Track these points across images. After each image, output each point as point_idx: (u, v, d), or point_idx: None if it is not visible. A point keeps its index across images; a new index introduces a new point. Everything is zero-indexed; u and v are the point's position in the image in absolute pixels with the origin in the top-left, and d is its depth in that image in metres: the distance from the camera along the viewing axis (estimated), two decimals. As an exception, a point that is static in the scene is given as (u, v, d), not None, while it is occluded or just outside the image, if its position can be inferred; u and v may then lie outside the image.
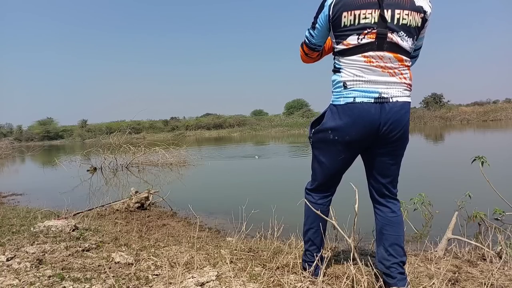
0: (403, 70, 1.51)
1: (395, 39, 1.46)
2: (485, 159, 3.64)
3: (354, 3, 1.45)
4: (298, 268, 1.84)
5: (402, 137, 1.58)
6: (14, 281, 1.71)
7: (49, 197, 6.16)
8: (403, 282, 1.57)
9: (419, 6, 1.47)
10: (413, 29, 1.49)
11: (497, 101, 43.18)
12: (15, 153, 22.44)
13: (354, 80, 1.50)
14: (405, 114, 1.53)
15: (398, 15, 1.44)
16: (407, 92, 1.53)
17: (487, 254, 2.26)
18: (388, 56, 1.47)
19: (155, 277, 1.83)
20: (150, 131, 42.57)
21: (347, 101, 1.51)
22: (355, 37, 1.48)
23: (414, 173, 7.15)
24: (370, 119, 1.50)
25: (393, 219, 1.68)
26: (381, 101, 1.48)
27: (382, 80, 1.48)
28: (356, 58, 1.49)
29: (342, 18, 1.48)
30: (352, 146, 1.61)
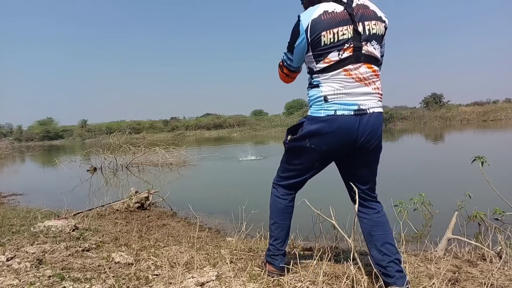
0: (375, 80, 1.61)
1: (370, 49, 1.58)
2: (485, 159, 3.64)
3: (331, 23, 1.55)
4: (298, 268, 1.84)
5: (377, 147, 1.67)
6: (14, 281, 1.71)
7: (49, 197, 6.16)
8: (402, 280, 1.59)
9: (380, 16, 1.62)
10: (380, 37, 1.61)
11: (497, 101, 43.20)
12: (15, 153, 22.45)
13: (335, 93, 1.58)
14: (380, 124, 1.63)
15: (368, 26, 1.57)
16: (380, 103, 1.64)
17: (487, 254, 2.26)
18: (363, 67, 1.57)
19: (155, 277, 1.83)
20: (150, 131, 42.57)
21: (328, 113, 1.59)
22: (336, 53, 1.56)
23: (414, 173, 7.16)
24: (349, 130, 1.58)
25: (379, 219, 1.73)
26: (360, 113, 1.57)
27: (359, 92, 1.58)
28: (337, 72, 1.57)
29: (321, 38, 1.56)
30: (328, 155, 1.69)
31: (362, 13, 1.57)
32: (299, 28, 1.61)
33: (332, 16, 1.56)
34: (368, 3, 1.63)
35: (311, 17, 1.57)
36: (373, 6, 1.63)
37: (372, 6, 1.63)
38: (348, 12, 1.56)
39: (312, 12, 1.59)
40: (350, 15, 1.55)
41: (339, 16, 1.56)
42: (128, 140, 13.04)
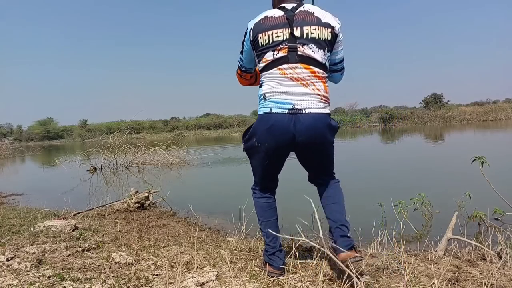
0: (315, 82, 1.68)
1: (307, 52, 1.66)
2: (485, 159, 3.64)
3: (267, 26, 1.69)
4: (298, 268, 1.84)
5: (320, 147, 1.76)
6: (14, 281, 1.71)
7: (49, 197, 6.15)
8: (343, 243, 1.69)
9: (326, 22, 1.69)
10: (323, 41, 1.69)
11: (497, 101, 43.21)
12: (15, 153, 22.44)
13: (272, 91, 1.69)
14: (320, 126, 1.68)
15: (306, 30, 1.66)
16: (322, 104, 1.69)
17: (487, 254, 2.26)
18: (300, 67, 1.66)
19: (155, 277, 1.83)
20: (150, 131, 42.55)
21: (265, 111, 1.70)
22: (271, 53, 1.69)
23: (414, 173, 7.16)
24: (283, 128, 1.67)
25: (329, 191, 1.86)
26: (294, 112, 1.65)
27: (296, 91, 1.66)
28: (273, 71, 1.70)
29: (259, 39, 1.71)
30: (273, 153, 1.78)
31: (303, 19, 1.68)
32: (246, 31, 1.78)
33: (270, 20, 1.70)
34: (313, 10, 1.72)
35: (254, 21, 1.74)
36: (320, 13, 1.71)
37: (318, 13, 1.71)
38: (286, 16, 1.68)
39: (257, 17, 1.75)
40: (287, 19, 1.68)
41: (276, 20, 1.69)
42: (128, 140, 13.03)
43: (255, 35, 1.72)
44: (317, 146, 1.75)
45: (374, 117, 36.42)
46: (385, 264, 2.01)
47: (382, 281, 1.76)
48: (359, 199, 5.04)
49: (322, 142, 1.74)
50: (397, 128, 29.22)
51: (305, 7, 1.73)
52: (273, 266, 1.82)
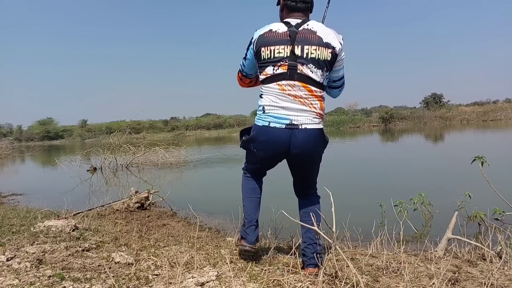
0: (312, 100, 1.76)
1: (305, 71, 1.72)
2: (485, 159, 3.64)
3: (270, 41, 1.75)
4: (298, 268, 1.84)
5: (312, 159, 1.87)
6: (14, 281, 1.71)
7: (49, 197, 6.15)
8: (315, 260, 1.83)
9: (327, 43, 1.73)
10: (322, 61, 1.73)
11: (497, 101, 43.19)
12: (15, 153, 22.42)
13: (271, 105, 1.78)
14: (313, 140, 1.79)
15: (307, 50, 1.71)
16: (317, 120, 1.79)
17: (487, 254, 2.26)
18: (298, 85, 1.73)
19: (155, 277, 1.83)
20: (150, 131, 42.51)
21: (264, 124, 1.80)
22: (272, 68, 1.76)
23: (414, 173, 7.16)
24: (280, 142, 1.77)
25: (310, 209, 1.95)
26: (291, 127, 1.74)
27: (293, 107, 1.74)
28: (272, 86, 1.77)
29: (261, 53, 1.77)
30: (267, 160, 1.94)
31: (305, 38, 1.72)
32: (251, 40, 1.84)
33: (273, 35, 1.75)
34: (317, 29, 1.75)
35: (259, 33, 1.80)
36: (323, 32, 1.74)
37: (321, 32, 1.74)
38: (289, 33, 1.73)
39: (262, 28, 1.81)
40: (290, 36, 1.72)
41: (279, 36, 1.74)
42: (128, 140, 13.02)
43: (258, 48, 1.78)
44: (309, 160, 1.87)
45: (374, 117, 36.42)
46: (385, 264, 2.01)
47: (382, 281, 1.76)
48: (359, 199, 5.04)
49: (314, 156, 1.86)
50: (397, 128, 29.22)
51: (309, 24, 1.76)
52: (246, 240, 1.99)
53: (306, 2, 1.82)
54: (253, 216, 2.00)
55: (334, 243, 1.78)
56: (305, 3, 1.82)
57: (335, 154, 11.46)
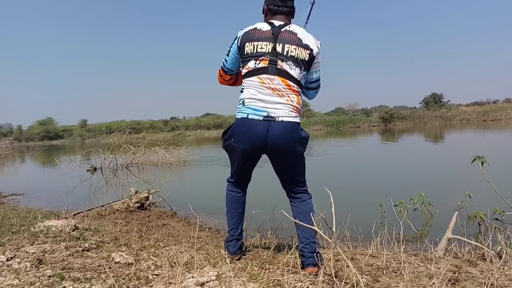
0: (290, 94, 1.86)
1: (284, 67, 1.84)
2: (485, 159, 3.64)
3: (254, 37, 1.88)
4: (298, 268, 1.84)
5: (290, 153, 1.91)
6: (14, 281, 1.71)
7: (49, 197, 6.15)
8: (312, 259, 1.87)
9: (306, 44, 1.87)
10: (301, 61, 1.87)
11: (497, 101, 43.22)
12: (15, 153, 22.42)
13: (250, 98, 1.88)
14: (290, 132, 1.85)
15: (287, 48, 1.85)
16: (294, 114, 1.87)
17: (487, 254, 2.26)
18: (277, 79, 1.84)
19: (155, 277, 1.83)
20: (150, 131, 42.50)
21: (243, 116, 1.89)
22: (254, 62, 1.88)
23: (414, 173, 7.16)
24: (258, 133, 1.84)
25: (303, 207, 2.00)
26: (268, 120, 1.83)
27: (271, 100, 1.84)
28: (253, 79, 1.88)
29: (245, 47, 1.90)
30: (247, 154, 1.98)
31: (286, 37, 1.86)
32: (235, 37, 1.97)
33: (258, 32, 1.89)
34: (297, 31, 1.89)
35: (244, 31, 1.93)
36: (303, 35, 1.89)
37: (301, 34, 1.89)
38: (272, 32, 1.87)
39: (247, 27, 1.94)
40: (273, 35, 1.87)
41: (263, 33, 1.88)
42: (128, 140, 13.02)
43: (243, 43, 1.91)
44: (286, 154, 1.92)
45: (374, 117, 36.43)
46: (385, 264, 2.01)
47: (382, 281, 1.76)
48: (359, 199, 5.04)
49: (291, 150, 1.90)
50: (397, 128, 29.22)
51: (291, 27, 1.91)
52: (229, 251, 2.14)
53: (287, 6, 1.96)
54: (236, 230, 2.14)
55: (334, 243, 1.77)
56: (287, 7, 1.96)
57: (335, 154, 11.46)
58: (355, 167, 8.50)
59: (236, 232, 2.14)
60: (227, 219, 2.18)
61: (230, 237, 2.15)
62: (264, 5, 2.01)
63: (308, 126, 35.78)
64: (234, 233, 2.14)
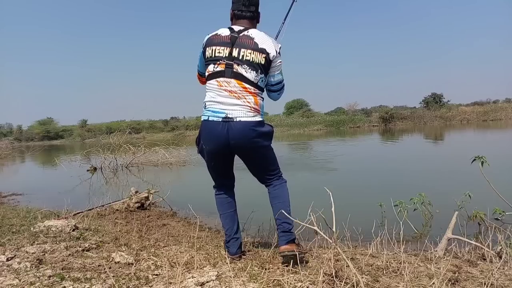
0: (246, 96, 1.95)
1: (240, 70, 1.94)
2: (485, 159, 3.64)
3: (213, 42, 2.01)
4: (298, 268, 1.84)
5: (253, 150, 2.02)
6: (14, 281, 1.71)
7: (49, 197, 6.15)
8: (283, 238, 2.00)
9: (262, 48, 1.95)
10: (256, 64, 1.95)
11: (497, 101, 43.18)
12: (15, 153, 22.43)
13: (210, 101, 2.00)
14: (249, 131, 1.94)
15: (243, 52, 1.94)
16: (251, 114, 1.96)
17: (487, 254, 2.26)
18: (233, 82, 1.94)
19: (155, 277, 1.83)
20: (150, 131, 42.50)
21: (205, 118, 2.01)
22: (213, 66, 1.99)
23: (414, 173, 7.16)
24: (218, 134, 1.96)
25: (276, 191, 2.12)
26: (227, 120, 1.94)
27: (229, 102, 1.94)
28: (212, 82, 2.00)
29: (206, 52, 2.02)
30: (215, 154, 2.09)
31: (243, 42, 1.96)
32: (202, 42, 2.08)
33: (217, 37, 2.01)
34: (255, 36, 1.98)
35: (208, 36, 2.06)
36: (261, 39, 1.97)
37: (259, 39, 1.97)
38: (230, 37, 1.98)
39: (212, 32, 2.06)
40: (231, 40, 1.97)
41: (222, 38, 1.99)
42: (128, 140, 13.01)
43: (205, 48, 2.04)
44: (250, 150, 2.03)
45: (374, 117, 36.40)
46: (385, 264, 2.01)
47: (382, 281, 1.76)
48: (359, 199, 5.04)
49: (254, 147, 2.00)
50: (397, 128, 29.22)
51: (249, 31, 2.00)
52: (229, 252, 2.17)
53: (250, 11, 2.06)
54: (231, 230, 2.20)
55: (334, 243, 1.77)
56: (250, 11, 2.06)
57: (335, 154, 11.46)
58: (355, 167, 8.49)
59: (232, 231, 2.20)
60: (221, 221, 2.26)
61: (228, 237, 2.21)
62: (230, 10, 2.12)
63: (308, 126, 35.75)
64: (230, 233, 2.20)
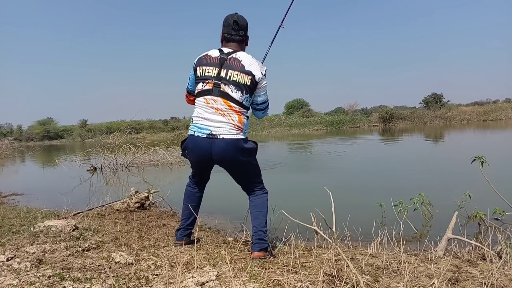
0: (231, 114, 2.09)
1: (226, 90, 2.09)
2: (485, 159, 3.64)
3: (204, 62, 2.15)
4: (298, 268, 1.84)
5: (236, 166, 2.20)
6: (14, 281, 1.71)
7: (49, 197, 6.15)
8: (257, 246, 2.13)
9: (248, 70, 2.09)
10: (242, 85, 2.09)
11: (497, 101, 43.18)
12: (15, 153, 22.42)
13: (197, 116, 2.16)
14: (231, 149, 2.09)
15: (230, 73, 2.09)
16: (234, 131, 2.10)
17: (487, 254, 2.26)
18: (220, 100, 2.09)
19: (155, 277, 1.83)
20: (150, 131, 42.51)
21: (191, 133, 2.17)
22: (201, 84, 2.14)
23: (414, 173, 7.16)
24: (202, 149, 2.12)
25: (255, 201, 2.29)
26: (211, 137, 2.09)
27: (214, 119, 2.08)
28: (200, 99, 2.15)
29: (197, 71, 2.17)
30: (199, 164, 2.32)
31: (231, 64, 2.10)
32: (193, 62, 2.22)
33: (207, 58, 2.15)
34: (242, 58, 2.11)
35: (199, 57, 2.20)
36: (247, 62, 2.10)
37: (246, 61, 2.10)
38: (219, 58, 2.12)
39: (202, 53, 2.20)
40: (219, 61, 2.11)
41: (212, 59, 2.14)
42: (128, 140, 13.02)
43: (196, 67, 2.18)
44: (232, 165, 2.20)
45: (374, 117, 36.41)
46: (385, 264, 2.01)
47: (382, 281, 1.76)
48: (359, 199, 5.04)
49: (236, 162, 2.16)
50: (397, 128, 29.22)
51: (238, 54, 2.14)
52: (176, 237, 2.48)
53: (239, 35, 2.20)
54: (186, 221, 2.47)
55: (334, 243, 1.77)
56: (239, 35, 2.20)
57: (335, 154, 11.46)
58: (355, 167, 8.49)
59: (186, 222, 2.46)
60: (182, 210, 2.49)
61: (180, 225, 2.48)
62: (221, 33, 2.24)
63: (308, 126, 35.76)
64: (184, 223, 2.46)
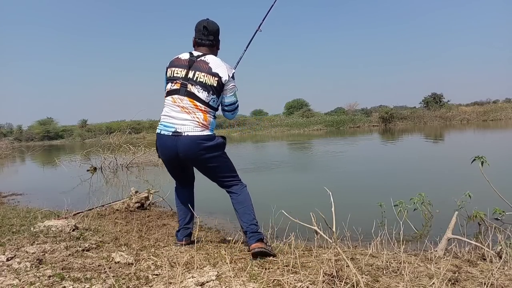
0: (196, 112, 2.17)
1: (193, 90, 2.18)
2: (485, 159, 3.64)
3: (174, 64, 2.27)
4: (298, 268, 1.84)
5: (202, 159, 2.22)
6: (14, 281, 1.71)
7: (49, 197, 6.15)
8: (253, 238, 2.16)
9: (215, 72, 2.19)
10: (209, 86, 2.18)
11: (497, 101, 43.19)
12: (15, 153, 22.42)
13: (164, 115, 2.23)
14: (196, 145, 2.15)
15: (197, 75, 2.19)
16: (199, 128, 2.17)
17: (487, 254, 2.26)
18: (186, 100, 2.18)
19: (155, 277, 1.83)
20: (150, 131, 42.41)
21: (158, 132, 2.25)
22: (170, 84, 2.24)
23: (414, 173, 7.16)
24: (168, 147, 2.19)
25: (238, 198, 2.32)
26: (176, 135, 2.15)
27: (179, 117, 2.16)
28: (168, 98, 2.24)
29: (167, 72, 2.28)
30: (170, 163, 2.34)
31: (199, 66, 2.20)
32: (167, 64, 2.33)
33: (178, 60, 2.27)
34: (210, 61, 2.21)
35: (171, 59, 2.31)
36: (215, 64, 2.20)
37: (213, 64, 2.20)
38: (188, 61, 2.23)
39: (175, 56, 2.31)
40: (188, 63, 2.22)
41: (181, 61, 2.25)
42: (128, 140, 13.02)
43: (167, 69, 2.29)
44: (198, 161, 2.23)
45: (374, 117, 36.40)
46: (385, 264, 2.01)
47: (382, 281, 1.76)
48: (359, 199, 5.04)
49: (202, 158, 2.20)
50: (397, 128, 29.22)
51: (206, 57, 2.24)
52: (177, 238, 2.51)
53: (209, 40, 2.30)
54: (183, 220, 2.49)
55: (334, 243, 1.77)
56: (209, 40, 2.30)
57: (335, 154, 11.46)
58: (355, 167, 8.49)
59: (183, 222, 2.49)
60: (177, 211, 2.55)
61: (179, 226, 2.51)
62: (193, 38, 2.34)
63: (308, 126, 35.74)
64: (182, 223, 2.49)
